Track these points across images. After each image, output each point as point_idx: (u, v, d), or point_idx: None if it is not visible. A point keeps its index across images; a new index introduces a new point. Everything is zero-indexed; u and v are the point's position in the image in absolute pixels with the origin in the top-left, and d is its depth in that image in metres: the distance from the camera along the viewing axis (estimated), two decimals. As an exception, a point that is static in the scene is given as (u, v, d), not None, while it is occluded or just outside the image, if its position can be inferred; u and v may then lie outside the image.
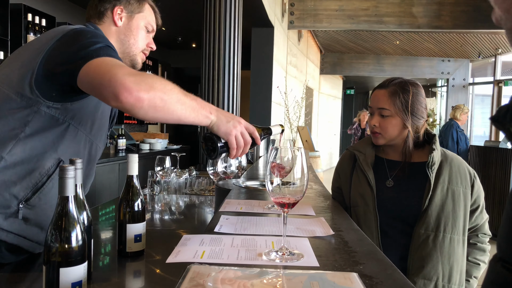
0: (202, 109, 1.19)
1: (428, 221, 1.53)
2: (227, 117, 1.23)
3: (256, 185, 2.08)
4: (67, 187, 0.78)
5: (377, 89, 1.63)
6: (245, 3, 4.19)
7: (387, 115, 1.57)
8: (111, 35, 1.43)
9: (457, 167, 1.58)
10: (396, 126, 1.57)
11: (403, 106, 1.55)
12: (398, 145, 1.62)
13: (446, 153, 1.63)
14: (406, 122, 1.56)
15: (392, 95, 1.56)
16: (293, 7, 7.69)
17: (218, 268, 0.89)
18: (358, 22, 7.57)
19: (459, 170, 1.58)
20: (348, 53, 12.44)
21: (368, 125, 1.68)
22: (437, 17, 7.38)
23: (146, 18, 1.50)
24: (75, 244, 0.77)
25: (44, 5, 4.75)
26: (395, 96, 1.56)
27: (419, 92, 1.59)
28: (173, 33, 7.37)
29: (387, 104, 1.57)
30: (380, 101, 1.59)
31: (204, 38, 3.91)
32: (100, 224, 1.67)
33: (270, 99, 6.61)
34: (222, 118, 1.21)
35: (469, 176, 1.58)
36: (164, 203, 2.06)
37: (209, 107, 1.21)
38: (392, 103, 1.56)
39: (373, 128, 1.61)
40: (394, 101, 1.56)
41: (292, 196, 1.00)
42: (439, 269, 1.52)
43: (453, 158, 1.61)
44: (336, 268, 0.92)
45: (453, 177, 1.57)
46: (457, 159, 1.62)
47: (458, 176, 1.57)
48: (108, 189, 4.49)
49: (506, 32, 0.50)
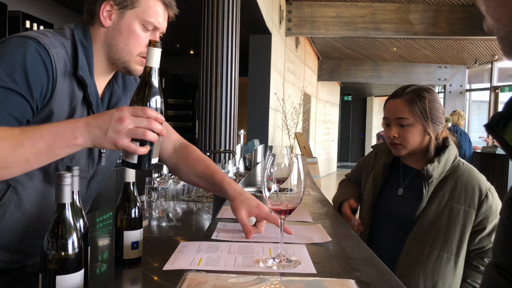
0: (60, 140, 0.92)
1: (418, 232, 1.51)
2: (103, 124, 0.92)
3: (253, 191, 2.08)
4: (63, 194, 0.78)
5: (391, 99, 1.58)
6: (242, 10, 4.21)
7: (407, 124, 1.52)
8: (99, 38, 1.18)
9: (465, 183, 1.49)
10: (418, 134, 1.53)
11: (422, 113, 1.51)
12: (418, 153, 1.58)
13: (459, 166, 1.54)
14: (427, 128, 1.52)
15: (409, 103, 1.52)
16: (290, 14, 7.73)
17: (215, 275, 0.89)
18: (355, 29, 7.61)
19: (466, 187, 1.48)
20: (345, 60, 12.49)
21: (386, 137, 1.61)
22: (434, 24, 7.42)
23: (142, 14, 1.17)
24: (72, 251, 0.77)
25: (42, 12, 4.76)
26: (412, 104, 1.51)
27: (435, 98, 1.56)
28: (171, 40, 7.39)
29: (406, 113, 1.52)
30: (397, 111, 1.54)
31: (202, 45, 3.92)
32: (97, 231, 1.66)
33: (267, 106, 6.62)
34: (96, 132, 0.92)
35: (478, 195, 1.47)
36: (162, 209, 2.06)
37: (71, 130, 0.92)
38: (411, 112, 1.51)
39: (392, 140, 1.55)
40: (413, 109, 1.51)
41: (289, 203, 1.00)
42: (419, 283, 1.47)
43: (463, 173, 1.51)
44: (333, 275, 0.92)
45: (455, 193, 1.49)
46: (468, 175, 1.51)
47: (462, 193, 1.48)
48: (105, 196, 4.47)
49: (498, 41, 0.50)
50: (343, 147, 16.96)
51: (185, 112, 8.85)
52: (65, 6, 5.24)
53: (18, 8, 4.20)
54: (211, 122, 3.92)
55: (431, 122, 1.51)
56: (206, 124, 3.93)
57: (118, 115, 0.92)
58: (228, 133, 3.95)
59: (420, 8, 7.45)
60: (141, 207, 1.13)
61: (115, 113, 0.93)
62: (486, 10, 0.49)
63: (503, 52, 0.50)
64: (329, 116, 14.38)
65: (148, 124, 0.93)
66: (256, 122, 6.58)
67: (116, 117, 0.92)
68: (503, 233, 0.52)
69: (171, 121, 8.77)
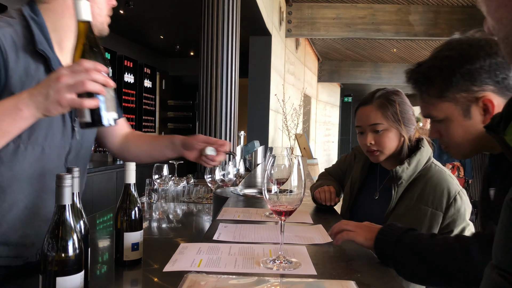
0: (6, 116, 0.92)
1: None
2: (43, 89, 0.92)
3: (254, 193, 2.08)
4: (64, 196, 0.78)
5: (362, 106, 1.55)
6: (243, 11, 4.21)
7: (382, 129, 1.50)
8: (67, 10, 1.15)
9: (434, 186, 1.46)
10: (394, 138, 1.51)
11: (394, 117, 1.49)
12: (394, 156, 1.56)
13: (430, 168, 1.51)
14: (402, 132, 1.50)
15: (381, 108, 1.50)
16: (290, 15, 7.73)
17: (215, 276, 0.89)
18: (355, 30, 7.62)
19: (435, 190, 1.45)
20: (345, 61, 12.50)
21: (361, 145, 1.58)
22: (434, 25, 7.43)
23: None
24: (72, 253, 0.77)
25: None
26: (384, 109, 1.50)
27: (404, 100, 1.54)
28: (171, 41, 7.39)
29: (379, 118, 1.50)
30: (370, 118, 1.52)
31: (202, 46, 3.92)
32: (97, 232, 1.66)
33: (268, 107, 6.62)
34: (39, 98, 0.91)
35: (446, 198, 1.43)
36: (162, 211, 2.06)
37: (15, 104, 0.92)
38: (384, 116, 1.49)
39: (369, 147, 1.53)
40: (386, 114, 1.49)
41: (290, 204, 1.00)
42: None
43: (433, 176, 1.48)
44: (334, 276, 0.92)
45: (424, 195, 1.45)
46: (438, 178, 1.47)
47: (431, 196, 1.44)
48: (105, 197, 4.47)
49: (499, 42, 0.50)
50: (343, 148, 16.95)
51: (185, 114, 8.85)
52: None
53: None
54: (212, 123, 3.92)
55: (404, 125, 1.50)
56: (206, 125, 3.93)
57: (55, 75, 0.92)
58: (228, 134, 3.95)
59: (420, 9, 7.46)
60: (141, 209, 1.13)
61: (52, 75, 0.92)
62: (487, 11, 0.49)
63: (504, 53, 0.49)
64: (329, 117, 14.38)
65: (87, 76, 0.91)
66: (256, 123, 6.58)
67: (54, 78, 0.91)
68: (503, 234, 0.52)
69: (171, 123, 8.78)
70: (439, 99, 1.04)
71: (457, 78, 1.00)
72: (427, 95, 1.07)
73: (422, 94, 1.08)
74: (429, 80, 1.06)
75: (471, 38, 1.04)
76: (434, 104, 1.06)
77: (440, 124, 1.08)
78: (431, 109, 1.07)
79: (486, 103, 1.00)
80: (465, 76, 1.00)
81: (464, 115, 1.03)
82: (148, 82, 7.36)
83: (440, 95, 1.04)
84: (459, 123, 1.03)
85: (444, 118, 1.05)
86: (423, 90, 1.07)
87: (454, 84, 1.01)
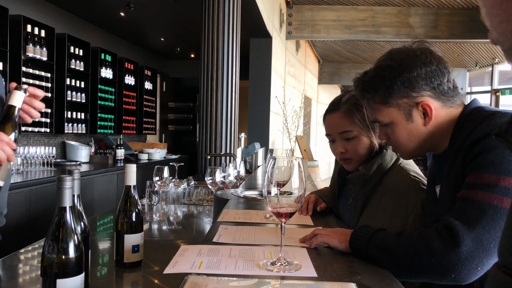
0: None
1: None
2: None
3: (254, 195, 2.08)
4: (64, 198, 0.78)
5: (329, 114, 1.48)
6: (243, 13, 4.22)
7: (352, 136, 1.43)
8: None
9: (395, 191, 1.38)
10: (364, 144, 1.44)
11: (362, 123, 1.42)
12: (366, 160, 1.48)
13: (395, 171, 1.42)
14: (371, 138, 1.43)
15: (348, 115, 1.43)
16: (291, 17, 7.74)
17: (215, 278, 0.89)
18: (355, 32, 7.62)
19: (395, 195, 1.37)
20: (346, 63, 12.50)
21: (334, 154, 1.52)
22: (434, 27, 7.43)
23: None
24: (72, 255, 0.77)
25: (44, 16, 4.77)
26: (351, 116, 1.43)
27: None
28: (171, 44, 7.40)
29: (348, 125, 1.43)
30: (338, 125, 1.45)
31: (202, 48, 3.93)
32: (97, 234, 1.66)
33: (268, 109, 6.62)
34: None
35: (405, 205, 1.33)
36: (162, 213, 2.06)
37: None
38: (352, 123, 1.42)
39: (340, 156, 1.48)
40: (353, 121, 1.42)
41: (290, 206, 1.00)
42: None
43: (395, 180, 1.41)
44: (334, 279, 0.92)
45: (386, 200, 1.38)
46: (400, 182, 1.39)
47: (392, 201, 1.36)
48: (106, 199, 4.47)
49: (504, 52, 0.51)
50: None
51: (186, 116, 8.86)
52: (66, 10, 5.25)
53: (20, 12, 4.21)
54: (212, 125, 3.92)
55: (373, 130, 1.42)
56: (207, 127, 3.94)
57: None
58: (229, 136, 3.96)
59: (421, 11, 7.46)
60: (142, 210, 1.13)
61: None
62: (490, 25, 0.51)
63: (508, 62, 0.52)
64: (330, 119, 14.36)
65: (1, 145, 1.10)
66: (256, 125, 6.59)
67: None
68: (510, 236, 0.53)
69: (172, 125, 8.78)
70: (384, 105, 1.15)
71: (398, 86, 1.12)
72: (373, 102, 1.17)
73: (369, 101, 1.18)
74: (373, 87, 1.17)
75: (408, 49, 1.17)
76: (380, 109, 1.16)
77: (386, 127, 1.18)
78: (378, 114, 1.17)
79: (424, 107, 1.12)
80: (405, 83, 1.12)
81: (407, 119, 1.14)
82: (148, 84, 7.37)
83: (384, 102, 1.15)
84: (403, 126, 1.15)
85: (389, 122, 1.16)
86: (369, 97, 1.18)
87: (395, 91, 1.13)
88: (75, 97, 5.15)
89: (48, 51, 4.58)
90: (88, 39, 5.45)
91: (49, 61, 4.58)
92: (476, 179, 0.98)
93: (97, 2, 5.01)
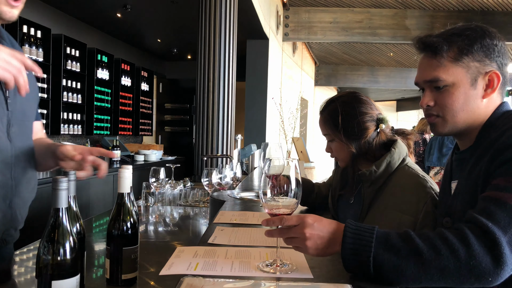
0: None
1: None
2: None
3: (250, 196, 2.08)
4: (60, 199, 0.77)
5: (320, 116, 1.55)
6: (240, 15, 4.22)
7: (330, 140, 1.50)
8: None
9: (404, 190, 1.37)
10: (342, 149, 1.47)
11: (336, 129, 1.45)
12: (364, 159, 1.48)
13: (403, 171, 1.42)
14: (349, 146, 1.44)
15: (325, 122, 1.49)
16: (287, 19, 7.76)
17: (211, 280, 0.89)
18: (352, 34, 7.65)
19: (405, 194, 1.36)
20: (342, 65, 12.53)
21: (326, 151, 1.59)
22: (430, 29, 7.46)
23: None
24: (68, 256, 0.77)
25: (40, 17, 4.76)
26: (327, 122, 1.48)
27: (349, 108, 1.45)
28: (168, 45, 7.40)
29: (326, 129, 1.49)
30: (321, 128, 1.53)
31: (199, 49, 3.93)
32: (93, 236, 1.66)
33: (265, 111, 6.63)
34: None
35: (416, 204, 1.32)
36: (159, 214, 2.05)
37: None
38: (330, 129, 1.47)
39: (331, 155, 1.54)
40: (330, 127, 1.47)
41: (286, 208, 1.00)
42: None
43: (404, 179, 1.40)
44: (330, 280, 0.92)
45: (394, 199, 1.37)
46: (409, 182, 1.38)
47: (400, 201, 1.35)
48: (102, 201, 4.46)
49: None
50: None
51: (183, 117, 8.85)
52: (62, 10, 5.24)
53: (16, 12, 4.19)
54: (209, 127, 3.92)
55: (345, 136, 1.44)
56: (203, 129, 3.93)
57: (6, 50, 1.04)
58: (225, 138, 3.95)
59: (417, 13, 7.50)
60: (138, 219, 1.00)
61: None
62: None
63: None
64: (326, 121, 14.37)
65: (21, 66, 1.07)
66: (253, 127, 6.59)
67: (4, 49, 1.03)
68: None
69: (168, 126, 8.77)
70: (454, 62, 1.09)
71: (477, 47, 1.08)
72: (442, 57, 1.10)
73: (437, 55, 1.10)
74: (450, 42, 1.10)
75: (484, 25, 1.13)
76: (447, 66, 1.10)
77: (439, 92, 1.11)
78: (441, 72, 1.10)
79: (492, 78, 1.09)
80: (483, 48, 1.08)
81: (471, 84, 1.09)
82: (145, 85, 7.36)
83: (456, 58, 1.09)
84: (464, 90, 1.09)
85: (451, 83, 1.10)
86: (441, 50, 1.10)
87: (473, 52, 1.08)
88: (71, 98, 5.14)
89: (44, 52, 4.57)
90: (84, 40, 5.44)
91: (45, 62, 4.57)
92: (507, 183, 0.96)
93: (94, 3, 5.00)
